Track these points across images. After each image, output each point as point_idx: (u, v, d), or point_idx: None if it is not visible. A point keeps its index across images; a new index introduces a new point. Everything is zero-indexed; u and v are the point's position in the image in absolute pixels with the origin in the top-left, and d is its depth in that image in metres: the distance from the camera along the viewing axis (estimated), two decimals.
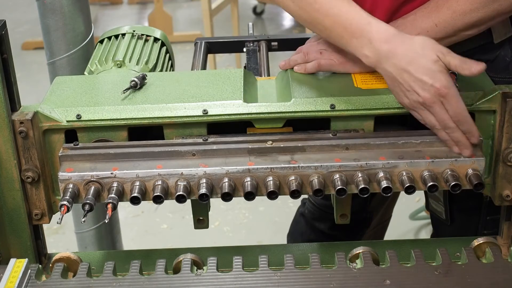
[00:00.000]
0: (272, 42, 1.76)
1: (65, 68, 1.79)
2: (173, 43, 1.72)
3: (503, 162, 1.21)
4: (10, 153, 1.20)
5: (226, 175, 1.14)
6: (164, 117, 1.21)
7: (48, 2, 1.71)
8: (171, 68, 1.65)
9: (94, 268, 1.20)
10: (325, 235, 1.79)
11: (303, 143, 1.17)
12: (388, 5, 1.29)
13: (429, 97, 1.10)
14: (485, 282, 1.07)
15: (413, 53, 1.10)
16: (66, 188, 1.14)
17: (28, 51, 4.92)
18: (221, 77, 1.31)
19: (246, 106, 1.22)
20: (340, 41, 1.19)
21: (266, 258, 1.12)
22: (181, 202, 1.14)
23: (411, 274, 1.09)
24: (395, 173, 1.14)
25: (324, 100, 1.21)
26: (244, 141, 1.19)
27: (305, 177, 1.14)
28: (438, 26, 1.23)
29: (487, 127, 1.22)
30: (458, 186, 1.14)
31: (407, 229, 2.85)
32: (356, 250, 1.15)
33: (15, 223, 1.25)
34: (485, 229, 1.43)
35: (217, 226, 2.94)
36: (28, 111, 1.21)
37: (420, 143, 1.17)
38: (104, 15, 5.49)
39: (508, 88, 1.20)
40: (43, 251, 1.33)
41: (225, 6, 4.29)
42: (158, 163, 1.15)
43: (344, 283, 1.08)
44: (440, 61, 1.09)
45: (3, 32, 1.17)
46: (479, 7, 1.19)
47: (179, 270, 1.13)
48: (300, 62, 1.32)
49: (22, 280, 1.09)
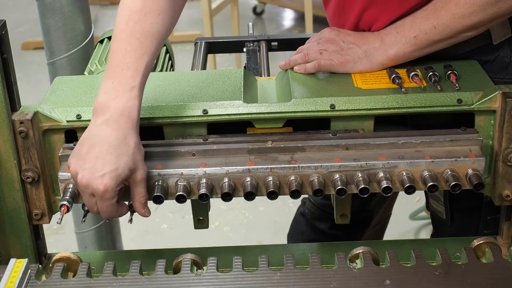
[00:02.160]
0: (272, 42, 1.76)
1: (65, 68, 1.79)
2: (173, 43, 1.72)
3: (503, 162, 1.21)
4: (10, 153, 1.20)
5: (226, 175, 1.14)
6: (164, 117, 1.21)
7: (48, 2, 1.71)
8: (171, 68, 1.65)
9: (94, 268, 1.20)
10: (326, 235, 1.79)
11: (303, 143, 1.17)
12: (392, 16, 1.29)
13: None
14: (485, 282, 1.07)
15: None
16: (66, 188, 1.14)
17: (28, 51, 4.91)
18: (221, 77, 1.31)
19: (246, 106, 1.22)
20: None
21: (266, 258, 1.12)
22: (181, 202, 1.14)
23: (411, 274, 1.09)
24: (395, 173, 1.14)
25: (324, 100, 1.21)
26: (244, 141, 1.19)
27: (305, 177, 1.14)
28: (437, 28, 1.23)
29: (487, 127, 1.22)
30: (458, 186, 1.14)
31: (407, 229, 2.85)
32: (356, 250, 1.15)
33: (15, 223, 1.25)
34: (486, 229, 1.43)
35: (217, 226, 2.94)
36: (28, 111, 1.21)
37: (420, 143, 1.17)
38: (104, 15, 5.48)
39: (508, 88, 1.20)
40: (43, 251, 1.33)
41: (225, 6, 4.28)
42: (158, 163, 1.15)
43: (344, 283, 1.08)
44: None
45: (3, 32, 1.17)
46: (478, 10, 1.19)
47: (179, 270, 1.13)
48: (300, 62, 1.32)
49: (22, 280, 1.09)
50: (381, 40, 1.28)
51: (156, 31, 1.16)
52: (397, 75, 1.24)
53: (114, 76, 1.12)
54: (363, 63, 1.29)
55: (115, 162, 1.07)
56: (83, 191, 1.09)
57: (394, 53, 1.27)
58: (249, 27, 1.88)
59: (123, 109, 1.10)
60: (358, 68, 1.29)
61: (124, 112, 1.09)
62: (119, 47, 1.14)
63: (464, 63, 1.30)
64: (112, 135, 1.08)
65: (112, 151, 1.07)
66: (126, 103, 1.10)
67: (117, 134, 1.08)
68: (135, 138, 1.10)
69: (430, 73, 1.24)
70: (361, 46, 1.30)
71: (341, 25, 1.36)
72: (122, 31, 1.16)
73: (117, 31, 1.16)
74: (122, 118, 1.09)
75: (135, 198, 1.12)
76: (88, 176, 1.07)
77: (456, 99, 1.20)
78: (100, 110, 1.10)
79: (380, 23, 1.30)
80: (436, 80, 1.23)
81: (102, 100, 1.11)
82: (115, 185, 1.07)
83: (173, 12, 1.21)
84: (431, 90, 1.22)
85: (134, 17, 1.16)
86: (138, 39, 1.14)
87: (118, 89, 1.11)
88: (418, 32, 1.24)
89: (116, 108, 1.09)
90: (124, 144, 1.08)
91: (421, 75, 1.25)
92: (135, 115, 1.11)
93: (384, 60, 1.28)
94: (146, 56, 1.14)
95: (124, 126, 1.09)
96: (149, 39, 1.15)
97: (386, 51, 1.28)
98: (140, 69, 1.13)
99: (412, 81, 1.25)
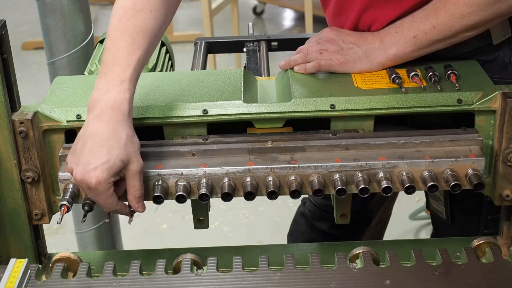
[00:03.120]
0: (272, 42, 1.76)
1: (65, 68, 1.79)
2: (173, 43, 1.72)
3: (503, 162, 1.21)
4: (10, 153, 1.20)
5: (226, 175, 1.14)
6: (164, 117, 1.21)
7: (48, 2, 1.71)
8: (171, 68, 1.65)
9: (94, 268, 1.20)
10: (326, 235, 1.79)
11: (303, 143, 1.17)
12: (391, 16, 1.29)
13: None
14: (485, 282, 1.07)
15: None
16: (66, 188, 1.14)
17: (28, 51, 4.92)
18: (221, 77, 1.31)
19: (246, 106, 1.22)
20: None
21: (266, 258, 1.12)
22: (181, 202, 1.14)
23: (411, 274, 1.09)
24: (395, 173, 1.14)
25: (324, 100, 1.21)
26: (244, 141, 1.19)
27: (305, 177, 1.14)
28: (436, 28, 1.23)
29: (487, 127, 1.22)
30: (458, 186, 1.14)
31: (407, 229, 2.85)
32: (356, 250, 1.15)
33: (15, 223, 1.25)
34: (486, 229, 1.43)
35: (217, 226, 2.94)
36: (28, 111, 1.21)
37: (420, 143, 1.17)
38: (104, 15, 5.48)
39: (508, 88, 1.20)
40: (43, 251, 1.33)
41: (225, 6, 4.28)
42: (158, 163, 1.15)
43: (344, 283, 1.08)
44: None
45: (3, 32, 1.17)
46: (477, 10, 1.19)
47: (179, 270, 1.13)
48: (300, 62, 1.32)
49: (22, 280, 1.09)
50: (380, 40, 1.28)
51: (149, 27, 1.18)
52: (397, 75, 1.24)
53: (106, 72, 1.14)
54: (363, 63, 1.29)
55: (106, 155, 1.08)
56: (80, 186, 1.12)
57: (394, 53, 1.27)
58: (249, 27, 1.88)
59: (113, 102, 1.11)
60: (358, 68, 1.29)
61: (114, 105, 1.11)
62: (112, 44, 1.16)
63: (464, 63, 1.30)
64: (103, 128, 1.09)
65: (103, 144, 1.08)
66: (116, 97, 1.11)
67: (107, 127, 1.09)
68: (127, 130, 1.11)
69: (430, 73, 1.24)
70: (361, 46, 1.30)
71: (341, 25, 1.36)
72: (115, 28, 1.17)
73: (110, 28, 1.18)
74: (112, 111, 1.10)
75: (129, 191, 1.12)
76: (82, 171, 1.08)
77: (456, 99, 1.20)
78: (92, 106, 1.12)
79: (379, 23, 1.30)
80: (436, 80, 1.23)
81: (94, 96, 1.13)
82: (107, 177, 1.08)
83: (166, 9, 1.22)
84: (431, 90, 1.22)
85: (127, 15, 1.18)
86: (130, 35, 1.16)
87: (108, 83, 1.12)
88: (417, 32, 1.24)
89: (106, 102, 1.11)
90: (115, 136, 1.09)
91: (421, 75, 1.25)
92: (126, 107, 1.11)
93: (384, 60, 1.28)
94: (138, 52, 1.15)
95: (115, 119, 1.10)
96: (141, 35, 1.16)
97: (386, 51, 1.28)
98: (132, 64, 1.14)
99: (412, 81, 1.25)
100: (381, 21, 1.29)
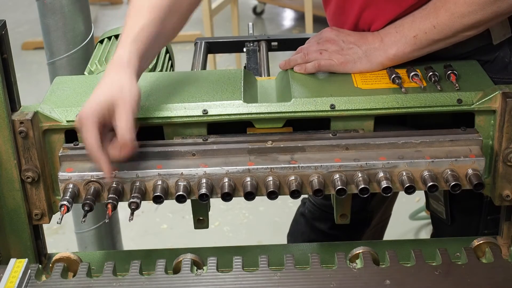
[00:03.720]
0: (272, 42, 1.76)
1: (65, 68, 1.79)
2: (173, 43, 1.72)
3: (503, 162, 1.21)
4: (10, 153, 1.20)
5: (226, 175, 1.14)
6: (164, 117, 1.21)
7: (48, 2, 1.71)
8: (171, 68, 1.65)
9: (94, 268, 1.20)
10: (326, 235, 1.79)
11: (303, 143, 1.17)
12: (391, 15, 1.29)
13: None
14: (485, 282, 1.07)
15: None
16: (66, 188, 1.14)
17: (28, 51, 4.91)
18: (221, 77, 1.31)
19: (246, 106, 1.22)
20: None
21: (266, 258, 1.12)
22: (181, 202, 1.14)
23: (411, 274, 1.09)
24: (395, 173, 1.14)
25: (324, 100, 1.21)
26: (244, 141, 1.19)
27: (305, 177, 1.14)
28: (437, 27, 1.23)
29: (487, 127, 1.22)
30: (458, 186, 1.14)
31: (407, 229, 2.85)
32: (356, 250, 1.15)
33: (15, 223, 1.25)
34: (486, 229, 1.43)
35: (217, 226, 2.94)
36: (28, 111, 1.21)
37: (420, 143, 1.17)
38: (104, 15, 5.48)
39: (508, 88, 1.20)
40: (43, 251, 1.33)
41: (225, 6, 4.28)
42: (158, 163, 1.15)
43: (344, 283, 1.08)
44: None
45: (3, 32, 1.17)
46: (477, 9, 1.19)
47: (179, 270, 1.13)
48: (300, 62, 1.32)
49: (22, 280, 1.09)
50: (380, 40, 1.28)
51: (161, 5, 1.25)
52: (397, 75, 1.24)
53: (119, 44, 1.20)
54: (363, 63, 1.29)
55: (96, 93, 1.13)
56: (78, 131, 1.14)
57: (394, 53, 1.27)
58: (249, 27, 1.88)
59: (115, 58, 1.17)
60: (358, 68, 1.29)
61: (114, 60, 1.17)
62: (127, 22, 1.22)
63: (464, 63, 1.30)
64: (105, 75, 1.16)
65: (97, 88, 1.14)
66: (117, 53, 1.17)
67: (105, 76, 1.15)
68: (122, 76, 1.14)
69: (430, 73, 1.24)
70: (361, 46, 1.30)
71: (341, 25, 1.36)
72: (133, 7, 1.24)
73: (130, 8, 1.25)
74: (111, 64, 1.17)
75: (114, 125, 1.12)
76: (79, 113, 1.12)
77: (456, 99, 1.20)
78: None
79: (379, 23, 1.30)
80: (436, 80, 1.23)
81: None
82: (92, 112, 1.09)
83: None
84: (431, 90, 1.22)
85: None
86: (138, 10, 1.23)
87: (119, 46, 1.19)
88: (417, 32, 1.24)
89: (114, 57, 1.18)
90: (109, 79, 1.14)
91: (421, 75, 1.25)
92: (125, 59, 1.16)
93: (384, 60, 1.28)
94: (142, 20, 1.21)
95: (112, 68, 1.16)
96: (149, 8, 1.23)
97: (386, 51, 1.28)
98: (135, 29, 1.19)
99: (412, 81, 1.25)
100: (381, 19, 1.29)
